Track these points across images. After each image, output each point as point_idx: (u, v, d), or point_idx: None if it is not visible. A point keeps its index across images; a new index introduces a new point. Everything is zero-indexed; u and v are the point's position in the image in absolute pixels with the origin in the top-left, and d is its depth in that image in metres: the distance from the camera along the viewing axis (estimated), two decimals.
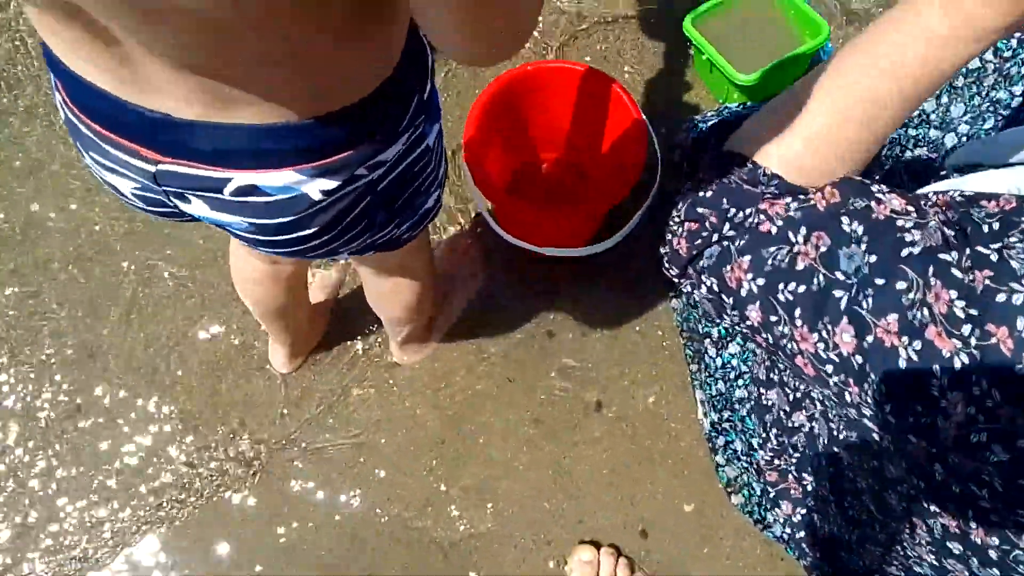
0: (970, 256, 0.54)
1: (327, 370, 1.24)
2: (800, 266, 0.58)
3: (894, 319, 0.56)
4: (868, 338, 0.54)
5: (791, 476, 0.94)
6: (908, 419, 0.54)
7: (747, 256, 0.60)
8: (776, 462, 0.95)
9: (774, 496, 1.01)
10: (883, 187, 0.60)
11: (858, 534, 0.86)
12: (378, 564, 1.14)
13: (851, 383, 0.57)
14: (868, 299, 0.55)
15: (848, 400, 0.58)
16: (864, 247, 0.57)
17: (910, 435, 0.55)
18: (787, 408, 0.90)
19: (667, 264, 0.71)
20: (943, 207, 0.58)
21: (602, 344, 1.25)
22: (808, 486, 0.91)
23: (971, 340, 0.51)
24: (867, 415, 0.58)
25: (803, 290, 0.57)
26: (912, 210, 0.59)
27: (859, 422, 0.60)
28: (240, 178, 0.52)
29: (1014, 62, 0.92)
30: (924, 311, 0.53)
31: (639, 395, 1.22)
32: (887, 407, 0.56)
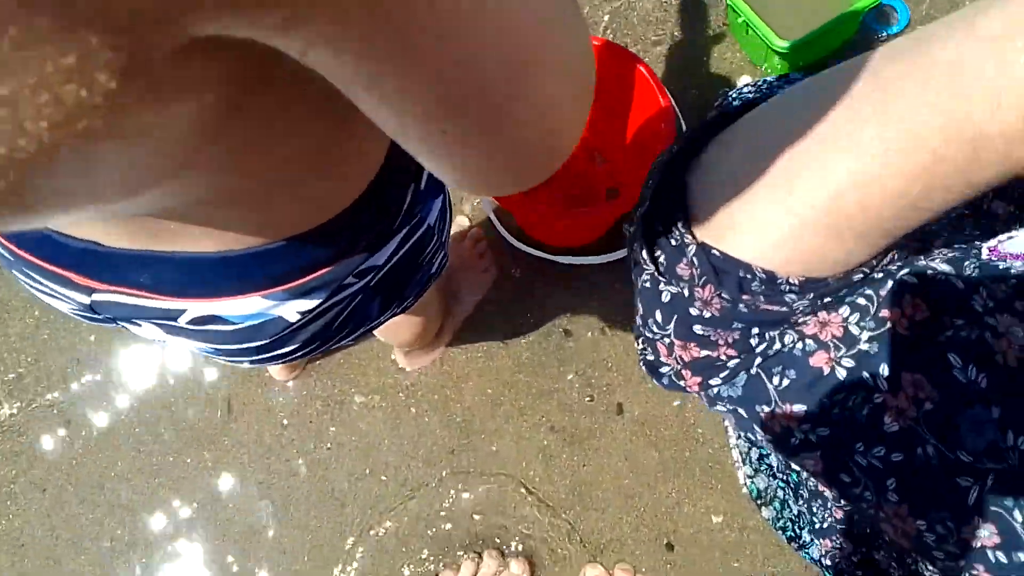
0: None
1: (328, 376, 1.16)
2: (892, 426, 0.41)
3: None
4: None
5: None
6: None
7: (798, 406, 0.43)
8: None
9: (822, 528, 0.92)
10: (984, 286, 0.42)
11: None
12: None
13: None
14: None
15: None
16: (999, 411, 0.38)
17: None
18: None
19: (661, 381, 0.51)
20: None
21: (623, 343, 1.15)
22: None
23: None
24: None
25: (900, 459, 0.40)
26: None
27: None
28: (196, 308, 0.42)
29: None
30: None
31: (663, 398, 1.13)
32: None
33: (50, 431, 1.16)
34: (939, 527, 0.40)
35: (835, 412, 0.44)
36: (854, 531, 0.81)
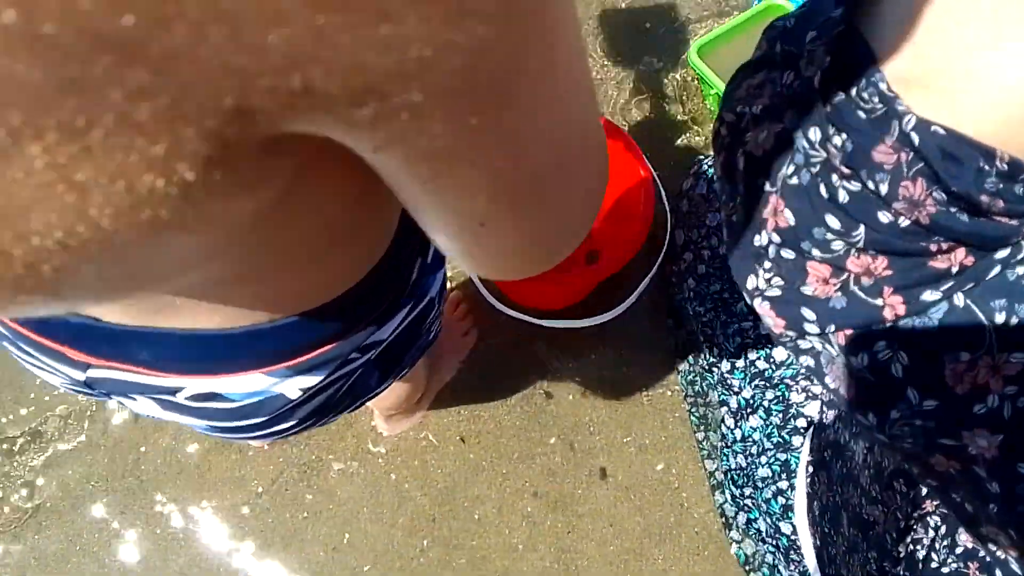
0: None
1: (304, 442, 1.13)
2: None
3: None
4: None
5: None
6: None
7: (1018, 355, 0.34)
8: None
9: None
10: None
11: None
12: None
13: None
14: None
15: None
16: None
17: None
18: (895, 532, 0.74)
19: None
20: None
21: (606, 407, 1.14)
22: None
23: None
24: None
25: None
26: None
27: None
28: (195, 384, 0.41)
29: None
30: None
31: (647, 462, 1.12)
32: None
33: (15, 492, 1.11)
34: None
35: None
36: None
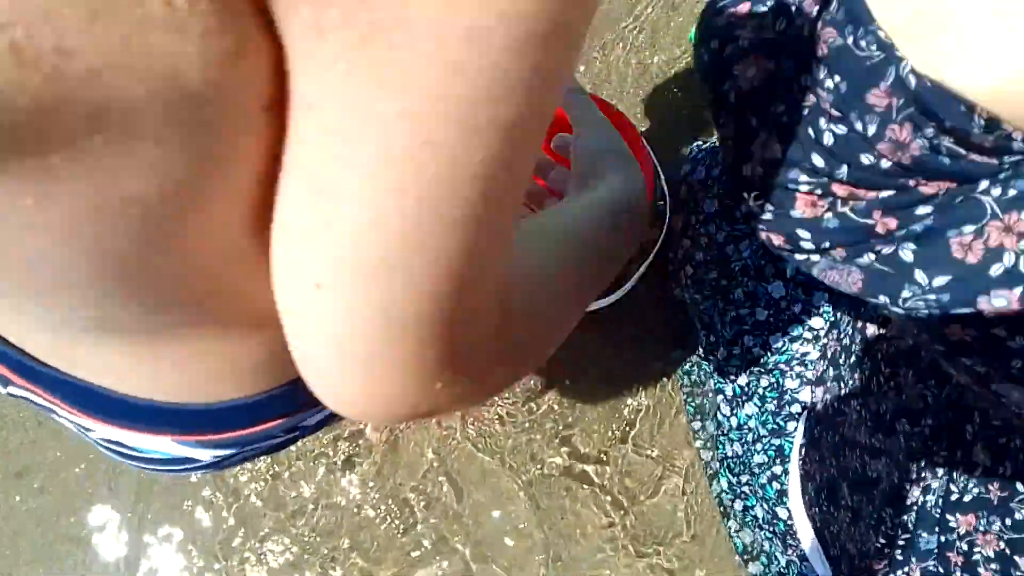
0: None
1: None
2: None
3: None
4: None
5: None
6: None
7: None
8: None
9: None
10: None
11: None
12: None
13: None
14: None
15: None
16: None
17: None
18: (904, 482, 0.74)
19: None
20: None
21: (601, 394, 1.14)
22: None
23: None
24: None
25: None
26: None
27: None
28: (103, 431, 0.40)
29: None
30: None
31: (643, 451, 1.12)
32: None
33: None
34: None
35: None
36: None
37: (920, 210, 0.37)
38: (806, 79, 0.37)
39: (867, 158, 0.36)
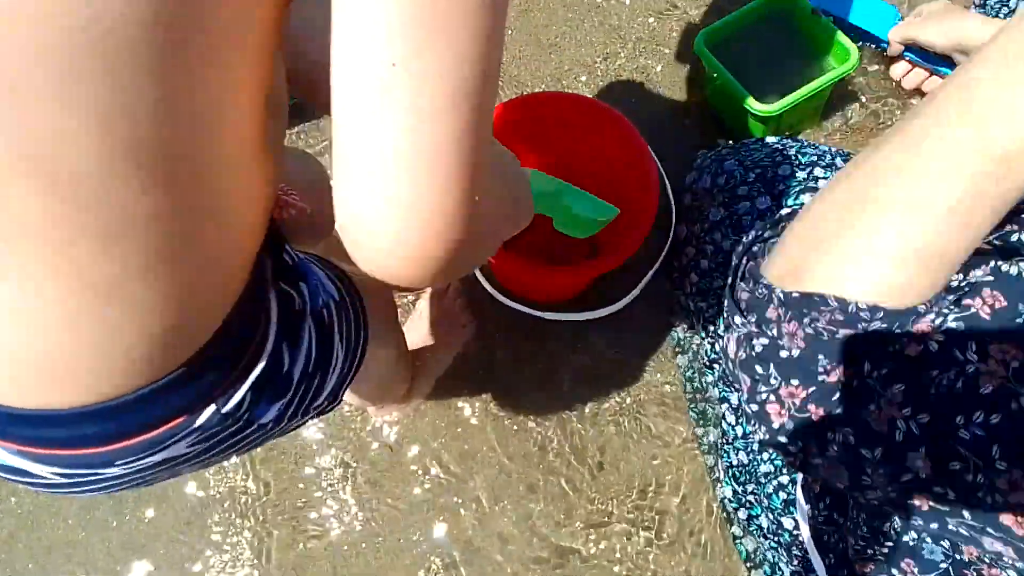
0: None
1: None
2: (986, 388, 0.43)
3: None
4: None
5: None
6: None
7: (899, 385, 0.45)
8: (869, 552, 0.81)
9: None
10: None
11: None
12: None
13: None
14: None
15: None
16: None
17: None
18: None
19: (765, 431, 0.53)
20: None
21: (604, 401, 1.14)
22: None
23: None
24: None
25: (998, 420, 0.43)
26: None
27: None
28: None
29: None
30: None
31: (645, 457, 1.11)
32: None
33: None
34: None
35: (932, 393, 0.45)
36: None
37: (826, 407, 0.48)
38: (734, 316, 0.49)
39: (783, 352, 0.48)
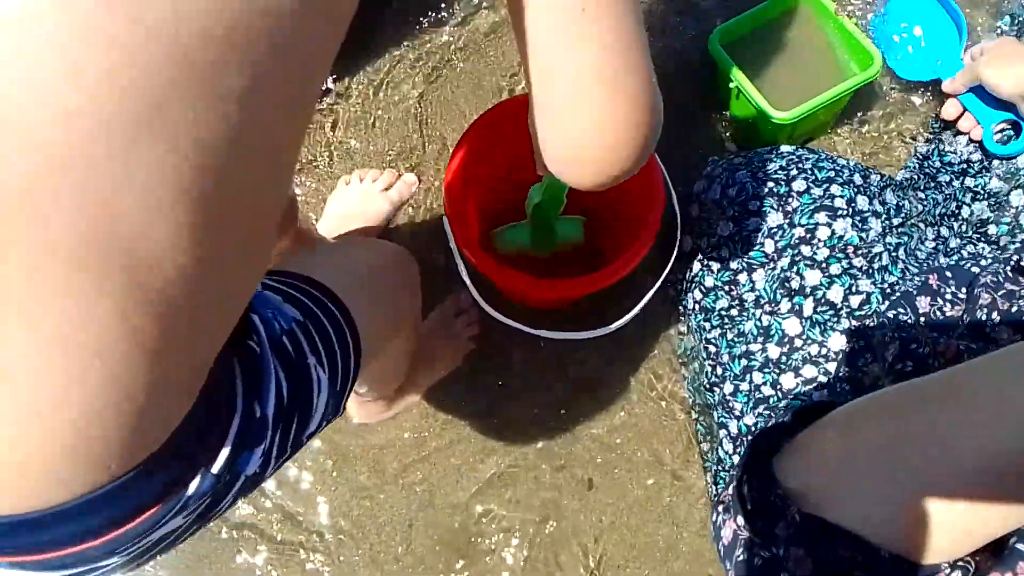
0: None
1: None
2: None
3: None
4: None
5: None
6: None
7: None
8: None
9: None
10: None
11: None
12: None
13: None
14: None
15: None
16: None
17: None
18: None
19: None
20: None
21: (601, 418, 1.09)
22: None
23: None
24: None
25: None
26: None
27: None
28: None
29: None
30: None
31: (640, 475, 1.07)
32: None
33: None
34: None
35: None
36: None
37: None
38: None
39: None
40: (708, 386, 0.96)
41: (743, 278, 0.89)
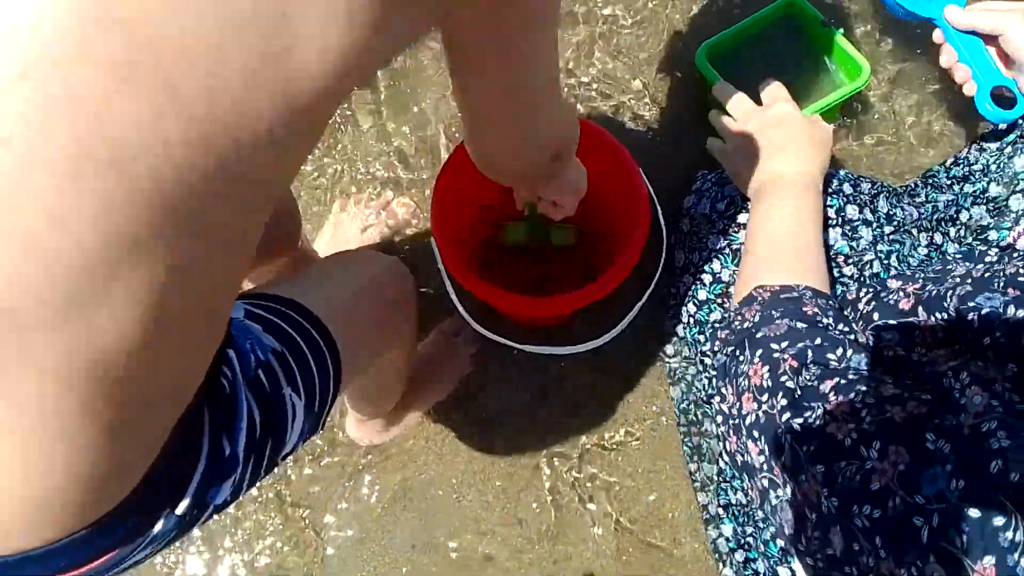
0: None
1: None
2: (874, 485, 0.49)
3: (991, 563, 0.41)
4: None
5: None
6: None
7: (819, 466, 0.53)
8: None
9: None
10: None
11: None
12: None
13: None
14: (960, 536, 0.44)
15: None
16: (950, 467, 0.45)
17: None
18: None
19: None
20: None
21: (593, 434, 1.09)
22: None
23: None
24: None
25: (879, 514, 0.49)
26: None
27: None
28: None
29: None
30: None
31: (637, 492, 1.06)
32: None
33: None
34: (913, 568, 0.46)
35: (839, 482, 0.52)
36: None
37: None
38: None
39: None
40: (705, 399, 0.95)
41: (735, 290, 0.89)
